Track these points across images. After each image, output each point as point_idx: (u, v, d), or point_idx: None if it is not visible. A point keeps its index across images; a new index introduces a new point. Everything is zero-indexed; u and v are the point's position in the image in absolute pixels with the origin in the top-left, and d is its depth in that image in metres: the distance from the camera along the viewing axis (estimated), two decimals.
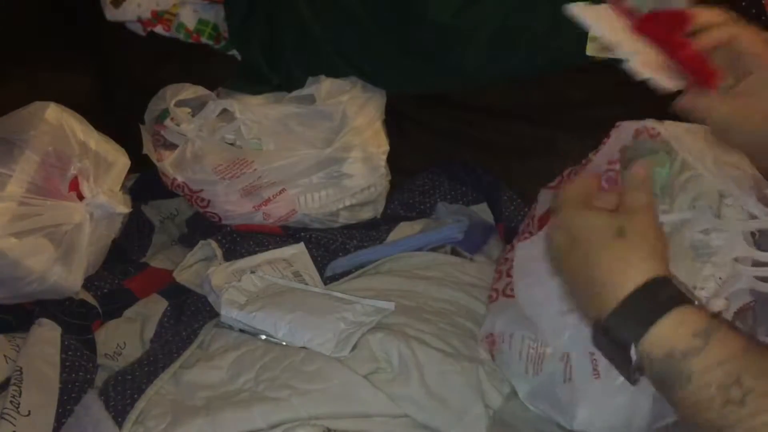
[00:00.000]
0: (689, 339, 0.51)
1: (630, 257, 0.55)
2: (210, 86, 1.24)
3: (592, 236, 0.57)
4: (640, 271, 0.55)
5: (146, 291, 1.09)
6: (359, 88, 1.22)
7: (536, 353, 0.80)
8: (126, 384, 0.86)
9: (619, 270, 0.55)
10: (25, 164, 0.98)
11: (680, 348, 0.51)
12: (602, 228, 0.57)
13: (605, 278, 0.56)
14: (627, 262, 0.55)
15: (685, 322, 0.52)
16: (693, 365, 0.51)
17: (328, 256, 1.10)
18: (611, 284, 0.55)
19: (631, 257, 0.55)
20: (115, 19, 1.30)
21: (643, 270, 0.55)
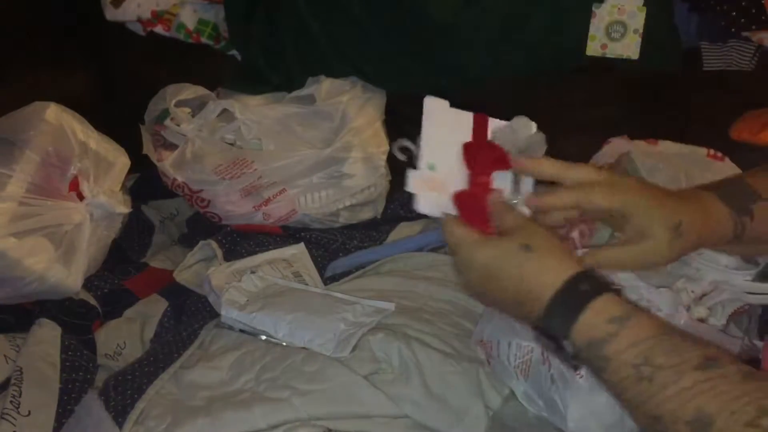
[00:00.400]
0: (605, 326, 0.56)
1: (544, 265, 0.60)
2: (210, 86, 1.24)
3: (503, 262, 0.61)
4: (557, 274, 0.59)
5: (146, 291, 1.09)
6: (359, 88, 1.22)
7: (522, 359, 0.81)
8: (126, 384, 0.86)
9: (538, 279, 0.59)
10: (25, 164, 0.98)
11: (598, 336, 0.56)
12: (508, 252, 0.61)
13: (529, 290, 0.60)
14: (542, 270, 0.60)
15: (602, 311, 0.57)
16: (609, 349, 0.55)
17: (328, 257, 1.10)
18: (535, 294, 0.59)
19: (545, 265, 0.60)
20: (115, 19, 1.30)
21: (559, 272, 0.59)
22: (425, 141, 0.68)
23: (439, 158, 0.67)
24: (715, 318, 0.82)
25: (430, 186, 0.66)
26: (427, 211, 0.67)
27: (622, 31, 1.15)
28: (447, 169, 0.67)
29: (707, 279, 0.81)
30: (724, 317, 0.81)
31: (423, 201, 0.66)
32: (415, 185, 0.66)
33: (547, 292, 0.59)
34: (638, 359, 0.54)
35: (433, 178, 0.67)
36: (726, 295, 0.81)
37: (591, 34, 1.16)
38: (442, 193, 0.66)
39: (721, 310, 0.82)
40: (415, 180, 0.67)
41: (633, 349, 0.54)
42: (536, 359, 0.80)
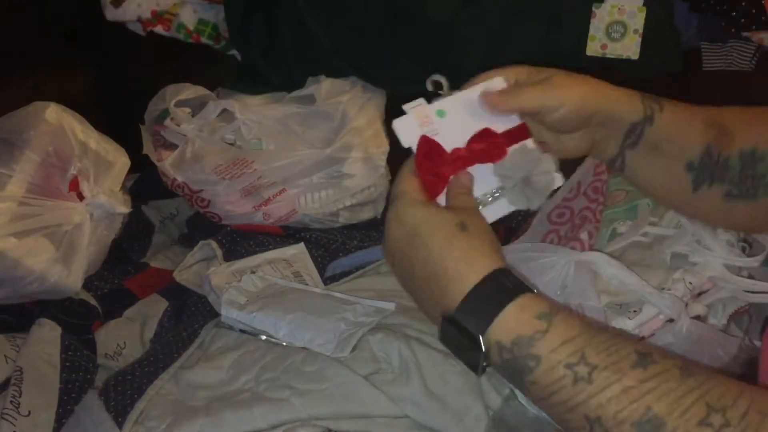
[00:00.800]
0: (533, 322, 0.53)
1: (474, 251, 0.56)
2: (210, 86, 1.24)
3: (435, 230, 0.57)
4: (484, 264, 0.55)
5: (146, 291, 1.09)
6: (359, 88, 1.22)
7: None
8: (126, 384, 0.86)
9: (465, 263, 0.56)
10: (25, 164, 0.98)
11: (526, 332, 0.53)
12: (444, 222, 0.58)
13: (451, 271, 0.56)
14: (471, 255, 0.56)
15: (528, 307, 0.54)
16: (539, 348, 0.52)
17: (328, 257, 1.10)
18: (457, 277, 0.55)
19: (475, 251, 0.56)
20: (115, 19, 1.30)
21: (486, 263, 0.55)
22: (458, 96, 0.65)
23: (453, 116, 0.64)
24: (716, 318, 0.82)
25: (423, 121, 0.64)
26: (398, 132, 0.63)
27: (622, 31, 1.15)
28: (449, 128, 0.64)
29: (706, 274, 0.81)
30: (724, 317, 0.82)
31: (405, 123, 0.63)
32: (414, 111, 0.64)
33: (470, 277, 0.55)
34: (573, 358, 0.51)
35: (432, 120, 0.64)
36: (725, 293, 0.81)
37: (591, 34, 1.16)
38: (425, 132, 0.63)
39: (722, 309, 0.82)
40: (418, 108, 0.64)
41: (566, 347, 0.51)
42: None
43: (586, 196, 0.94)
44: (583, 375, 0.50)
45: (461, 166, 0.63)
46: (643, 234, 0.87)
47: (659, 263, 0.83)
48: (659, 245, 0.84)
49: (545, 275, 0.83)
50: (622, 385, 0.49)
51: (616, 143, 0.66)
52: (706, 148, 0.65)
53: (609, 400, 0.49)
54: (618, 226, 0.90)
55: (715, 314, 0.82)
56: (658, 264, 0.83)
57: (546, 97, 0.62)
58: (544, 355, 0.52)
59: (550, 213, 0.96)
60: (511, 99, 0.63)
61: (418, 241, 0.58)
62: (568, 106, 0.62)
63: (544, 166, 0.63)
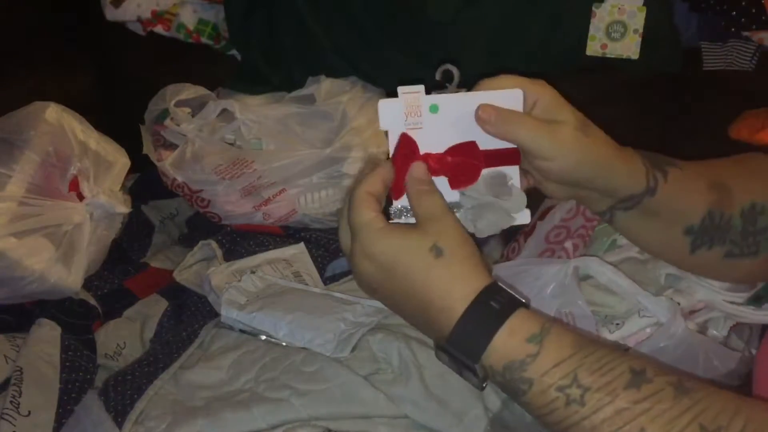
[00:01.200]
0: (524, 346, 0.52)
1: (454, 278, 0.54)
2: (210, 86, 1.24)
3: (409, 262, 0.54)
4: (467, 291, 0.53)
5: (146, 291, 1.09)
6: (359, 88, 1.22)
7: None
8: (126, 384, 0.86)
9: (446, 292, 0.53)
10: (25, 164, 0.98)
11: (517, 357, 0.52)
12: (416, 251, 0.54)
13: (436, 304, 0.54)
14: (453, 283, 0.54)
15: (517, 331, 0.52)
16: (531, 372, 0.51)
17: (328, 256, 1.10)
18: (443, 309, 0.54)
19: (456, 278, 0.54)
20: (115, 19, 1.30)
21: (468, 289, 0.53)
22: (461, 96, 0.59)
23: (445, 116, 0.58)
24: (717, 329, 0.82)
25: (411, 110, 0.58)
26: (381, 112, 0.58)
27: (622, 31, 1.15)
28: (435, 128, 0.58)
29: (696, 296, 0.80)
30: (725, 329, 0.81)
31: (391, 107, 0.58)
32: (405, 96, 0.58)
33: (456, 307, 0.53)
34: (565, 381, 0.50)
35: (421, 112, 0.58)
36: (716, 313, 0.81)
37: (591, 34, 1.16)
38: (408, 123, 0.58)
39: (723, 321, 0.82)
40: (412, 95, 0.58)
41: (557, 370, 0.51)
42: None
43: (584, 215, 0.94)
44: (575, 397, 0.50)
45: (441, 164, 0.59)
46: (639, 251, 0.87)
47: (651, 280, 0.83)
48: (654, 263, 0.85)
49: (540, 279, 0.83)
50: (614, 407, 0.49)
51: (605, 204, 0.63)
52: (708, 212, 0.63)
53: (602, 422, 0.49)
54: (618, 237, 0.90)
55: (716, 325, 0.82)
56: (650, 281, 0.83)
57: (540, 144, 0.57)
58: (535, 378, 0.51)
59: (548, 234, 0.96)
60: (505, 125, 0.57)
61: (395, 276, 0.55)
62: (558, 163, 0.58)
63: (511, 204, 0.59)
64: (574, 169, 0.58)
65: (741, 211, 0.63)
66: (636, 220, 0.63)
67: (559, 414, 0.51)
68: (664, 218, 0.63)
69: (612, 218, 0.64)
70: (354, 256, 0.57)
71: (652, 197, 0.61)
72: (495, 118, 0.57)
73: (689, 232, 0.64)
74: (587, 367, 0.50)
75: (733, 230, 0.64)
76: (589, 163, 0.58)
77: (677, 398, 0.49)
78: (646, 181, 0.61)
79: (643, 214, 0.62)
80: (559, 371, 0.51)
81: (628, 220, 0.63)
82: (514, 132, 0.57)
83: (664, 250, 0.67)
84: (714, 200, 0.63)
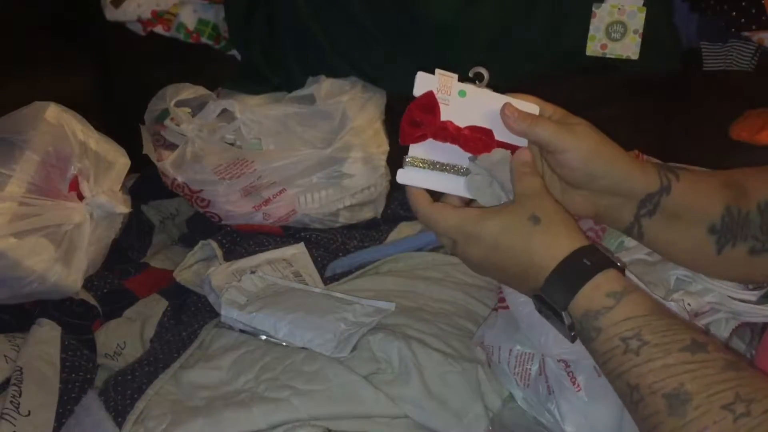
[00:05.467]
0: (602, 299, 0.58)
1: (552, 237, 0.61)
2: (210, 86, 1.24)
3: (512, 233, 0.62)
4: (563, 246, 0.60)
5: (146, 291, 1.09)
6: (359, 88, 1.22)
7: (522, 367, 0.81)
8: (126, 384, 0.86)
9: (545, 251, 0.60)
10: (25, 164, 0.98)
11: (594, 307, 0.58)
12: (517, 222, 0.62)
13: (534, 261, 0.61)
14: (550, 242, 0.61)
15: (601, 286, 0.58)
16: (603, 321, 0.57)
17: (328, 256, 1.10)
18: (540, 264, 0.60)
19: (553, 237, 0.61)
20: (115, 19, 1.31)
21: (566, 245, 0.60)
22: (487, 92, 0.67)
23: (470, 103, 0.66)
24: (718, 331, 0.81)
25: (443, 88, 0.65)
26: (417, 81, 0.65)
27: (622, 32, 1.15)
28: (459, 109, 0.65)
29: (706, 298, 0.80)
30: (727, 331, 0.81)
31: (427, 79, 0.65)
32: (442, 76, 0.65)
33: (551, 264, 0.60)
34: (629, 332, 0.56)
35: (451, 93, 0.65)
36: (722, 315, 0.81)
37: (591, 35, 1.16)
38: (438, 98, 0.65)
39: (725, 323, 0.81)
40: (447, 77, 0.66)
41: (626, 323, 0.56)
42: (535, 371, 0.79)
43: None
44: (633, 348, 0.55)
45: (440, 136, 0.65)
46: (649, 253, 0.87)
47: (661, 282, 0.83)
48: (663, 265, 0.84)
49: None
50: (663, 362, 0.54)
51: (629, 212, 0.67)
52: (726, 208, 0.66)
53: (649, 372, 0.54)
54: (626, 239, 0.90)
55: (717, 327, 0.81)
56: (659, 282, 0.83)
57: (556, 136, 0.64)
58: (604, 327, 0.57)
59: None
60: (526, 122, 0.65)
61: (500, 249, 0.62)
62: (573, 153, 0.64)
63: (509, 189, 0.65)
64: (590, 158, 0.64)
65: (758, 206, 0.66)
66: (661, 226, 0.67)
67: (616, 361, 0.56)
68: (686, 220, 0.67)
69: (641, 230, 0.68)
70: (463, 241, 0.64)
71: (668, 195, 0.65)
72: (516, 115, 0.65)
73: (712, 230, 0.67)
74: (653, 327, 0.56)
75: (753, 225, 0.66)
76: (602, 153, 0.64)
77: (725, 370, 0.53)
78: (659, 179, 0.65)
79: (666, 217, 0.66)
80: (626, 324, 0.56)
81: (654, 227, 0.67)
82: (532, 127, 0.65)
83: (693, 256, 0.70)
84: (729, 196, 0.66)
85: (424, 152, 0.66)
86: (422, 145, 0.65)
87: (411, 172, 0.66)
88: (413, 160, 0.65)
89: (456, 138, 0.65)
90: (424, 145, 0.65)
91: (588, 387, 0.75)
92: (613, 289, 0.58)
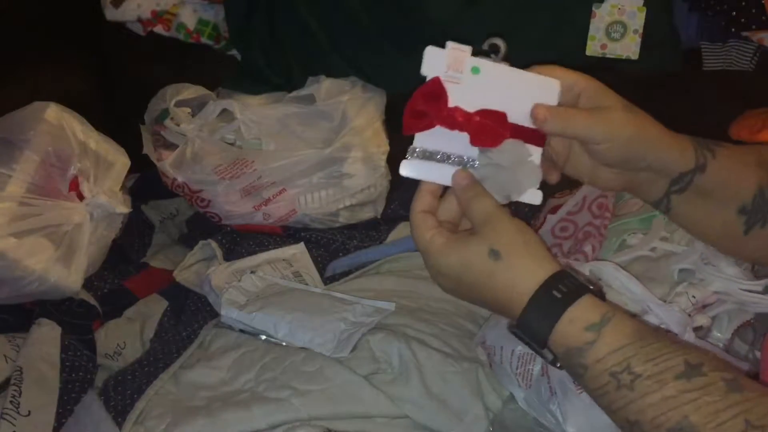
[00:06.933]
0: (581, 334, 0.55)
1: (515, 273, 0.57)
2: (210, 86, 1.24)
3: (471, 272, 0.58)
4: (528, 282, 0.56)
5: (146, 291, 1.09)
6: (359, 88, 1.22)
7: (524, 368, 0.81)
8: (126, 384, 0.86)
9: (511, 289, 0.57)
10: (25, 164, 0.98)
11: (575, 344, 0.55)
12: (476, 258, 0.58)
13: (502, 300, 0.58)
14: (514, 279, 0.57)
15: (577, 319, 0.55)
16: (587, 358, 0.54)
17: (328, 256, 1.10)
18: (509, 302, 0.57)
19: (516, 273, 0.57)
20: (115, 19, 1.31)
21: (530, 280, 0.56)
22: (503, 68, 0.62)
23: (484, 80, 0.60)
24: (720, 331, 0.81)
25: (454, 64, 0.59)
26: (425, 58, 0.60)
27: (622, 32, 1.15)
28: (471, 88, 0.60)
29: (711, 288, 0.80)
30: (729, 330, 0.81)
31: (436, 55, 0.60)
32: (452, 51, 0.59)
33: (520, 301, 0.56)
34: (618, 367, 0.53)
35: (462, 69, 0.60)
36: (729, 305, 0.81)
37: (591, 35, 1.16)
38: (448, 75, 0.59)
39: (727, 322, 0.81)
40: (458, 51, 0.60)
41: (612, 357, 0.53)
42: (537, 371, 0.79)
43: (591, 211, 0.93)
44: (626, 383, 0.52)
45: (448, 125, 0.60)
46: (652, 249, 0.87)
47: (664, 277, 0.83)
48: (666, 260, 0.84)
49: None
50: (662, 394, 0.51)
51: (661, 188, 0.65)
52: (759, 189, 0.64)
53: (648, 406, 0.51)
54: (628, 237, 0.90)
55: (719, 327, 0.81)
56: (662, 278, 0.83)
57: (594, 130, 0.60)
58: (590, 364, 0.54)
59: (553, 227, 0.96)
60: (558, 120, 0.60)
61: (464, 285, 0.60)
62: (613, 143, 0.61)
63: (525, 178, 0.61)
64: (628, 146, 0.61)
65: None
66: (691, 203, 0.65)
67: (610, 397, 0.53)
68: (717, 198, 0.64)
69: (669, 205, 0.65)
70: (429, 270, 0.62)
71: (702, 174, 0.63)
72: (547, 115, 0.60)
73: (743, 211, 0.65)
74: (642, 356, 0.53)
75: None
76: (641, 139, 0.61)
77: (728, 393, 0.50)
78: (695, 157, 0.63)
79: (697, 195, 0.64)
80: (613, 358, 0.53)
81: (683, 204, 0.65)
82: (567, 125, 0.60)
83: (720, 234, 0.68)
84: (764, 177, 0.64)
85: (430, 141, 0.61)
86: (428, 134, 0.60)
87: (415, 164, 0.61)
88: (418, 151, 0.61)
89: (465, 127, 0.59)
90: (430, 134, 0.60)
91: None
92: (590, 320, 0.54)
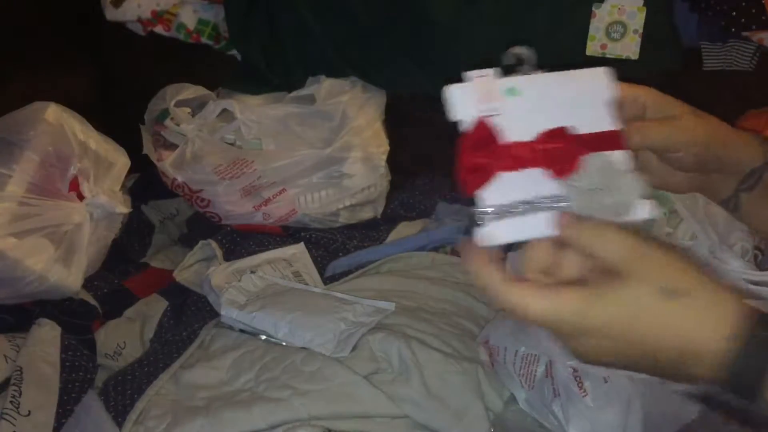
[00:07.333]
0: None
1: (701, 314, 0.46)
2: (210, 86, 1.24)
3: (636, 314, 0.46)
4: (722, 321, 0.46)
5: (146, 291, 1.09)
6: (359, 88, 1.22)
7: (527, 368, 0.81)
8: (126, 384, 0.86)
9: (695, 333, 0.46)
10: (25, 164, 0.98)
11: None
12: (641, 298, 0.46)
13: (681, 348, 0.46)
14: (701, 320, 0.46)
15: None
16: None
17: (328, 256, 1.10)
18: (694, 351, 0.46)
19: (702, 312, 0.46)
20: (115, 19, 1.30)
21: (725, 318, 0.45)
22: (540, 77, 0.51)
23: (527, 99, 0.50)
24: None
25: (485, 95, 0.50)
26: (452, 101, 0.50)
27: (622, 31, 1.15)
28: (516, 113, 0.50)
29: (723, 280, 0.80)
30: None
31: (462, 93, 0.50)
32: (477, 81, 0.50)
33: (714, 346, 0.45)
34: None
35: (497, 97, 0.50)
36: None
37: (591, 34, 1.16)
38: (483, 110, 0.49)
39: None
40: (483, 78, 0.50)
41: None
42: (541, 372, 0.79)
43: None
44: None
45: (515, 166, 0.49)
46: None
47: None
48: None
49: None
50: None
51: (730, 186, 0.64)
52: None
53: None
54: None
55: None
56: None
57: (671, 138, 0.58)
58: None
59: None
60: (636, 135, 0.55)
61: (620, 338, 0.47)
62: (692, 149, 0.59)
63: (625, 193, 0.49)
64: (706, 150, 0.60)
65: None
66: (759, 200, 0.64)
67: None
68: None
69: (737, 203, 0.65)
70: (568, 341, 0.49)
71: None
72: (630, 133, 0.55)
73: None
74: None
75: None
76: (716, 142, 0.61)
77: None
78: (763, 153, 0.63)
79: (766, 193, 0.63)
80: None
81: (751, 201, 0.64)
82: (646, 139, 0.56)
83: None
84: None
85: (498, 194, 0.49)
86: (493, 187, 0.49)
87: (495, 228, 0.49)
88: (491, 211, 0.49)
89: (532, 162, 0.49)
90: (495, 186, 0.49)
91: (594, 393, 0.74)
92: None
